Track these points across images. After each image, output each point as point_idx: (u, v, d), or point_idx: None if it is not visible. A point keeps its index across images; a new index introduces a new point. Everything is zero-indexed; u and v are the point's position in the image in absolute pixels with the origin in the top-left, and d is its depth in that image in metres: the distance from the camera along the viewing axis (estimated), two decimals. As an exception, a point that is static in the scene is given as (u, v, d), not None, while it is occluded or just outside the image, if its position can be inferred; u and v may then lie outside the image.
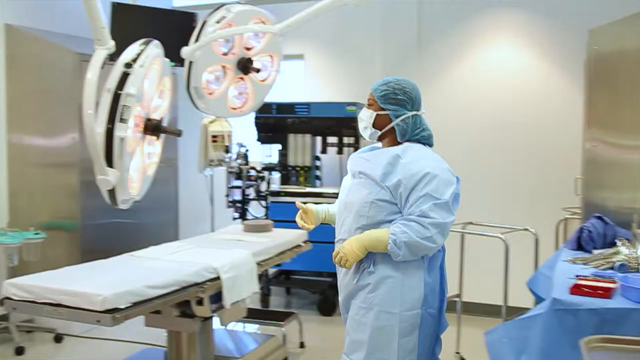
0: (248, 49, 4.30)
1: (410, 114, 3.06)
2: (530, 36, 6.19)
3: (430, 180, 2.89)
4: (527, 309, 4.91)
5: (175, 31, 5.09)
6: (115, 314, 3.11)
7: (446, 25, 6.48)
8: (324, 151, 6.69)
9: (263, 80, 4.43)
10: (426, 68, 6.55)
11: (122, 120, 2.93)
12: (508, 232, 4.57)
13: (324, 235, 5.79)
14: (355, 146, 6.60)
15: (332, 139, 6.68)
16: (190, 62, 3.99)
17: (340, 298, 3.23)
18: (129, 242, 5.88)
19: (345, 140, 6.65)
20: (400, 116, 3.05)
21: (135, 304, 3.26)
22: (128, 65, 3.00)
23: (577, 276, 2.91)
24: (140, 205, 3.36)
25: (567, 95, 6.05)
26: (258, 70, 4.26)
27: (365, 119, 3.13)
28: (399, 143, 3.09)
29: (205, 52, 4.00)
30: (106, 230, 5.92)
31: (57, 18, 6.11)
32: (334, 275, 6.45)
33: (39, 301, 3.27)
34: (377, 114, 3.10)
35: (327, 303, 6.41)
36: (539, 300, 3.48)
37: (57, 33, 6.00)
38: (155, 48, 3.26)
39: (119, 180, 3.01)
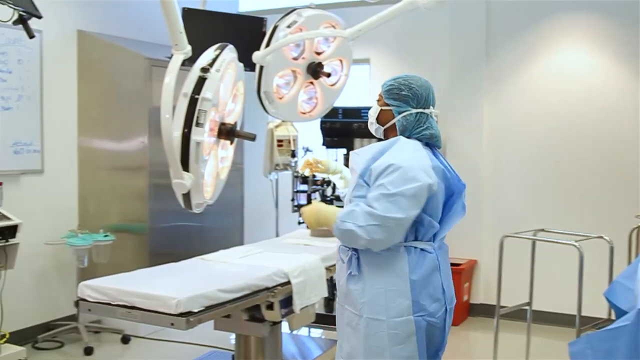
0: (318, 53, 4.29)
1: (413, 111, 2.93)
2: (602, 40, 6.05)
3: (392, 172, 2.73)
4: (600, 319, 4.82)
5: (244, 36, 5.11)
6: (189, 318, 3.12)
7: (515, 29, 6.38)
8: (390, 156, 6.62)
9: (333, 85, 4.42)
10: (495, 72, 6.47)
11: (198, 124, 2.93)
12: (582, 239, 4.46)
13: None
14: (422, 151, 6.53)
15: (398, 144, 6.61)
16: (261, 67, 4.00)
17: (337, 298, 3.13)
18: (195, 245, 5.96)
19: (411, 145, 6.58)
20: (402, 112, 2.94)
21: (208, 308, 3.27)
22: (204, 69, 3.00)
23: (662, 287, 2.81)
24: (207, 209, 3.36)
25: (641, 100, 5.92)
26: (329, 75, 4.25)
27: (372, 114, 3.07)
28: None
29: (276, 56, 4.01)
30: (173, 233, 5.97)
31: (127, 24, 6.21)
32: (398, 281, 6.40)
33: (114, 303, 3.30)
34: (382, 109, 3.00)
35: (392, 309, 6.33)
36: (617, 311, 3.37)
37: (127, 39, 6.09)
38: (230, 52, 3.26)
39: (194, 184, 3.02)
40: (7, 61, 5.24)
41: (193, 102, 2.94)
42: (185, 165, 2.97)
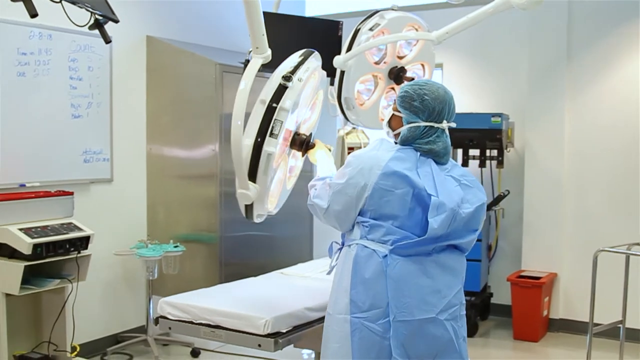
0: (400, 57, 4.11)
1: (422, 124, 2.77)
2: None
3: (343, 164, 2.82)
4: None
5: (318, 40, 4.94)
6: (277, 339, 2.94)
7: (599, 30, 6.07)
8: (464, 164, 6.39)
9: (415, 91, 4.23)
10: (577, 76, 6.16)
11: (272, 134, 2.79)
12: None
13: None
14: (499, 159, 6.30)
15: (473, 152, 6.39)
16: (342, 72, 3.84)
17: None
18: (266, 255, 5.85)
19: (488, 152, 6.35)
20: (411, 123, 2.78)
21: (296, 328, 3.09)
22: (287, 77, 2.84)
23: None
24: (276, 218, 3.21)
25: None
26: (412, 80, 4.06)
27: (386, 115, 2.96)
28: None
29: (358, 61, 3.85)
30: (243, 243, 5.80)
31: (196, 29, 6.10)
32: (474, 294, 6.18)
33: (196, 322, 3.15)
34: (393, 114, 2.89)
35: (468, 323, 6.01)
36: None
37: (197, 44, 5.97)
38: (315, 60, 3.10)
39: (259, 196, 2.88)
40: (78, 68, 5.15)
41: (270, 111, 2.80)
42: (252, 175, 2.84)
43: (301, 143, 3.14)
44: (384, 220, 2.70)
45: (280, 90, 2.83)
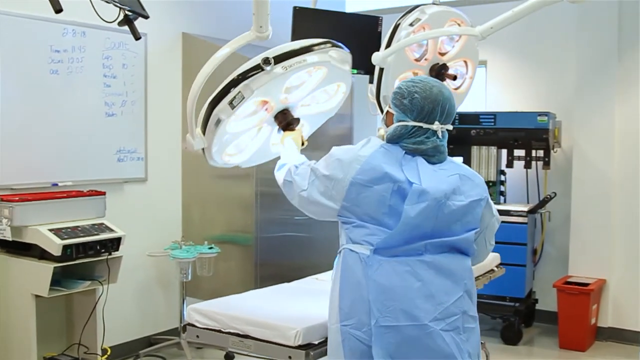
0: (442, 54, 3.95)
1: (410, 123, 2.58)
2: None
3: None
4: None
5: (357, 36, 4.80)
6: (309, 351, 2.79)
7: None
8: (509, 165, 6.19)
9: (457, 89, 4.09)
10: (628, 73, 5.86)
11: (230, 104, 2.83)
12: None
13: (510, 257, 5.34)
14: (545, 159, 6.07)
15: (518, 152, 6.17)
16: (381, 69, 3.69)
17: None
18: (302, 257, 5.72)
19: (534, 153, 6.12)
20: (400, 122, 2.61)
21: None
22: (265, 60, 2.80)
23: None
24: (313, 219, 3.06)
25: None
26: (455, 78, 3.92)
27: (383, 113, 2.86)
28: None
29: (398, 57, 3.70)
30: (279, 244, 5.68)
31: (232, 26, 5.93)
32: (518, 300, 5.98)
33: (225, 330, 3.01)
34: (388, 111, 2.73)
35: (512, 331, 5.89)
36: None
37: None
38: (326, 55, 3.00)
39: (206, 149, 2.97)
40: (112, 66, 5.06)
41: (234, 82, 2.84)
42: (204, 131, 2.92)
43: (281, 120, 3.09)
44: (364, 220, 2.55)
45: (255, 69, 2.83)
